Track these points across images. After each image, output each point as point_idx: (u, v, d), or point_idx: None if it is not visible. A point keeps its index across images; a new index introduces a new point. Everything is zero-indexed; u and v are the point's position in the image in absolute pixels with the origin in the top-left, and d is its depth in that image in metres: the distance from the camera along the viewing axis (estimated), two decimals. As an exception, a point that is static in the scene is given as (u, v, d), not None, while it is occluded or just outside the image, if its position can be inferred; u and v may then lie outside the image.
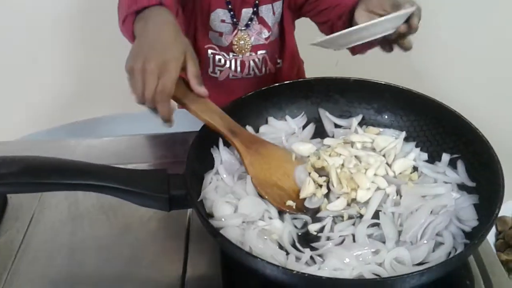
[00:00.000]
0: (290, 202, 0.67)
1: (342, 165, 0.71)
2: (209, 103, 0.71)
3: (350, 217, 0.66)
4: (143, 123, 0.95)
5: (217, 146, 0.72)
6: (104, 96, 1.51)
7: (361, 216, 0.66)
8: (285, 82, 0.81)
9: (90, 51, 1.54)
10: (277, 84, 0.80)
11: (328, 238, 0.63)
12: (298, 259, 0.60)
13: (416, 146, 0.76)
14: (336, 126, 0.80)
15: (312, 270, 0.57)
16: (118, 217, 0.75)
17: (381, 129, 0.79)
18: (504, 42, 1.54)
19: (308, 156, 0.74)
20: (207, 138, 0.71)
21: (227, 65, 1.01)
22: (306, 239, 0.64)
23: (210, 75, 1.02)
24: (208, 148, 0.72)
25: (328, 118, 0.80)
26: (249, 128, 0.77)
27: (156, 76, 0.62)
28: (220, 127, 0.69)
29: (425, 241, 0.60)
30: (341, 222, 0.66)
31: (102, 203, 0.76)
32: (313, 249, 0.61)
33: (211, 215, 0.65)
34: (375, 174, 0.70)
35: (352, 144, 0.76)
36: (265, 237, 0.62)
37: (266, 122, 0.80)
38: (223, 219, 0.63)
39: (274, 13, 1.01)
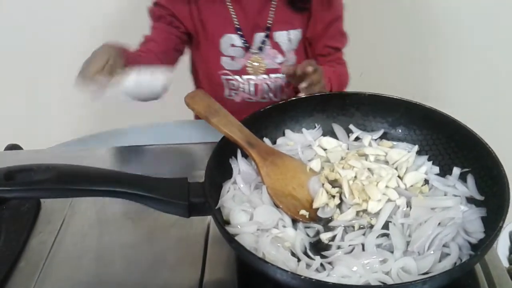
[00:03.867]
0: (303, 212, 0.71)
1: (355, 177, 0.74)
2: (229, 116, 0.75)
3: (360, 227, 0.69)
4: (167, 134, 1.00)
5: (236, 157, 0.76)
6: (133, 107, 1.57)
7: (371, 226, 0.69)
8: (302, 96, 0.84)
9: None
10: (294, 98, 0.83)
11: (339, 247, 0.66)
12: (308, 265, 0.63)
13: (428, 159, 0.78)
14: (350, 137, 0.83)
15: (321, 277, 0.60)
16: (142, 223, 0.79)
17: (394, 143, 0.81)
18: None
19: (322, 168, 0.77)
20: (226, 149, 0.75)
21: (241, 88, 1.04)
22: (318, 247, 0.67)
23: (227, 98, 1.06)
24: (227, 158, 0.76)
25: (342, 132, 0.83)
26: (266, 140, 0.81)
27: None
28: (239, 139, 0.74)
29: (432, 252, 0.62)
30: (352, 231, 0.68)
31: (127, 209, 0.81)
32: (323, 257, 0.64)
33: (228, 222, 0.68)
34: (386, 186, 0.72)
35: (366, 157, 0.78)
36: (278, 244, 0.65)
37: (283, 134, 0.83)
38: (239, 226, 0.67)
39: (290, 40, 1.04)
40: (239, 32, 1.03)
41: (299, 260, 0.64)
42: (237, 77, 1.05)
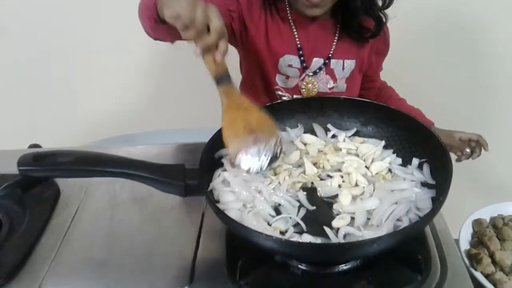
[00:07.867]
0: None
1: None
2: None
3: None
4: (170, 138, 1.12)
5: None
6: (144, 114, 1.70)
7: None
8: (285, 100, 0.97)
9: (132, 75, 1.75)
10: (279, 101, 0.96)
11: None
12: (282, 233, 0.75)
13: (393, 152, 0.90)
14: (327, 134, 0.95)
15: (292, 241, 0.72)
16: (147, 207, 0.91)
17: (365, 139, 0.93)
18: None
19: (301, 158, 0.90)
20: (218, 142, 0.86)
21: None
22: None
23: None
24: (218, 149, 0.87)
25: (320, 130, 0.96)
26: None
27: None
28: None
29: (387, 224, 0.74)
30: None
31: (135, 195, 0.93)
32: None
33: (218, 201, 0.81)
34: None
35: (340, 150, 0.91)
36: (259, 218, 0.77)
37: (269, 133, 0.95)
38: (227, 204, 0.79)
39: (343, 69, 1.13)
40: (300, 52, 1.10)
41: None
42: (288, 94, 1.13)
